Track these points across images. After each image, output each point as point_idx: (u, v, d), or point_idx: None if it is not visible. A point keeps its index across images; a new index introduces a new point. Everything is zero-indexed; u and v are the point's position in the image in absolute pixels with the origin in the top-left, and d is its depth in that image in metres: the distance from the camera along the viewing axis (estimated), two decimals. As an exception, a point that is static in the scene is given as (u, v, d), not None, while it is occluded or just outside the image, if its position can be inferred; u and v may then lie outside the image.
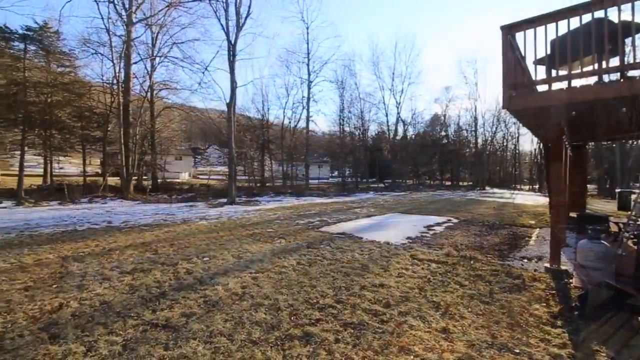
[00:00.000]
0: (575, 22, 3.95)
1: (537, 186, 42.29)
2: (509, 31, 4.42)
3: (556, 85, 4.28)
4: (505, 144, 52.09)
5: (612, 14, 3.76)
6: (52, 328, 2.96)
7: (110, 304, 3.51)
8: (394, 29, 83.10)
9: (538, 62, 4.31)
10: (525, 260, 5.63)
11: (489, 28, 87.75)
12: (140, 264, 5.09)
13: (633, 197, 12.29)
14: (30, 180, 21.25)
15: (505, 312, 3.44)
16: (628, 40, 3.95)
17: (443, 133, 51.24)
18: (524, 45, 4.40)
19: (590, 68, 4.18)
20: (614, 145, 29.45)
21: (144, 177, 25.67)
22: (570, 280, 4.40)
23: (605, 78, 4.02)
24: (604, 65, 4.00)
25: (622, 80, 3.77)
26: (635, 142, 29.34)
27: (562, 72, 4.38)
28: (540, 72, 4.49)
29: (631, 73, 3.77)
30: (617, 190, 18.42)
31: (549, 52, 4.19)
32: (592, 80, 4.13)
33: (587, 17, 3.88)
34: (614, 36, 3.71)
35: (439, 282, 4.37)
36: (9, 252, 5.76)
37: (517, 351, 2.68)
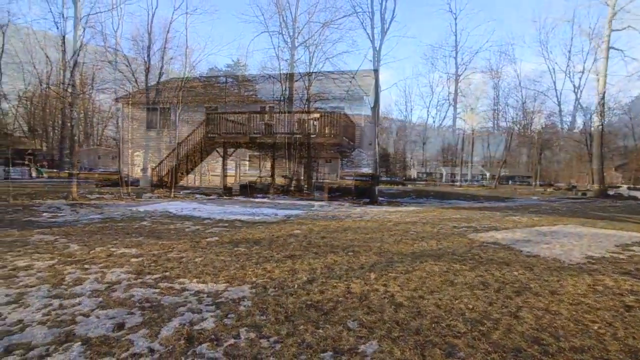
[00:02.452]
0: None
1: None
2: None
3: None
4: None
5: None
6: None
7: (276, 282, 4.37)
8: (576, -8, 64.85)
9: None
10: None
11: None
12: (297, 251, 6.04)
13: None
14: (227, 180, 28.43)
15: None
16: None
17: (658, 118, 36.77)
18: None
19: None
20: None
21: (302, 178, 29.89)
22: None
23: None
24: None
25: None
26: None
27: None
28: None
29: None
30: None
31: None
32: None
33: None
34: None
35: (641, 322, 3.29)
36: (222, 230, 7.92)
37: None
